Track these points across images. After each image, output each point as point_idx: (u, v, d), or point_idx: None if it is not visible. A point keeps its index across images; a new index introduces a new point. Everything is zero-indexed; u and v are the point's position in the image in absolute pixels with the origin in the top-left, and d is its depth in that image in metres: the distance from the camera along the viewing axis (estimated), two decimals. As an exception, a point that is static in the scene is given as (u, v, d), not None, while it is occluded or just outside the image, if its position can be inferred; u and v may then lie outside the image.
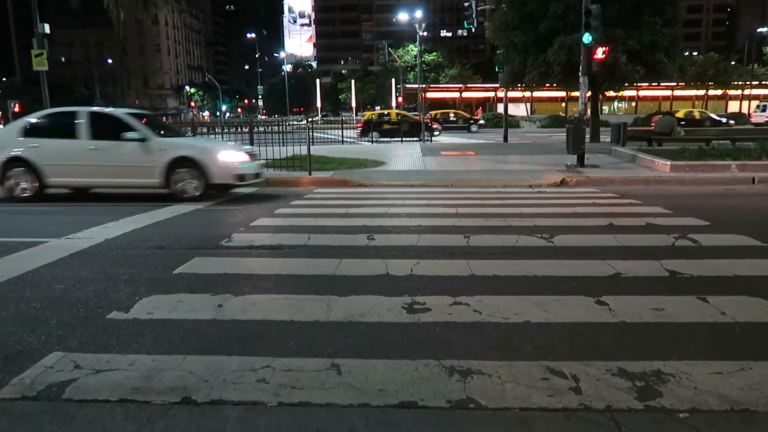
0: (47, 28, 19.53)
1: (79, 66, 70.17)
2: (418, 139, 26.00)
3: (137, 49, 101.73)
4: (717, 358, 3.10)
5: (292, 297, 4.22)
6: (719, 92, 58.67)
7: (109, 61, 78.17)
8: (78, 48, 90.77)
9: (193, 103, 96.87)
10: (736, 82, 57.48)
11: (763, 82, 58.63)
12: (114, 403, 2.66)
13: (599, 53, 14.53)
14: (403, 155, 19.10)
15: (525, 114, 53.56)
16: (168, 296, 4.28)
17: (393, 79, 60.38)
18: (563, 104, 55.53)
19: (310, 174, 12.86)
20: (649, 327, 3.60)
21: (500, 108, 44.40)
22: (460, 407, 2.61)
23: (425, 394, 2.72)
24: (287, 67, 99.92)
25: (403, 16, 56.05)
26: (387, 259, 5.36)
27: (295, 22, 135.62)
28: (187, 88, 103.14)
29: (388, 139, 26.93)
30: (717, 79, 57.00)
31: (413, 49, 70.17)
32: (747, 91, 57.41)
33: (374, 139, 26.69)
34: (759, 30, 59.65)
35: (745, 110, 52.95)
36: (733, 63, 62.98)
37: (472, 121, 40.61)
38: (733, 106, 58.57)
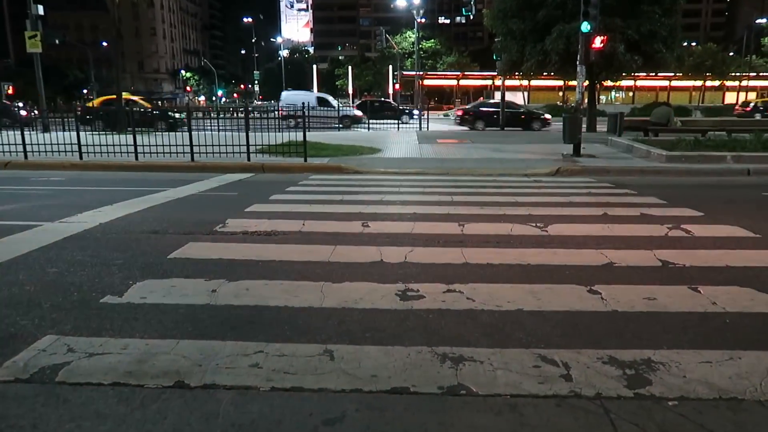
0: (41, 10, 19.32)
1: (74, 49, 69.51)
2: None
3: (132, 33, 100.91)
4: (707, 347, 3.13)
5: (286, 283, 4.23)
6: (717, 83, 58.67)
7: (104, 44, 77.49)
8: (72, 30, 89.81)
9: (188, 88, 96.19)
10: (733, 74, 57.44)
11: (761, 74, 58.61)
12: (107, 386, 2.67)
13: (597, 42, 14.47)
14: (400, 143, 19.06)
15: (522, 103, 53.45)
16: (162, 281, 4.28)
17: (390, 66, 60.06)
18: (561, 93, 55.47)
19: (305, 160, 12.83)
20: (640, 316, 3.63)
21: (498, 96, 44.32)
22: (452, 394, 2.63)
23: (417, 381, 2.74)
24: (284, 53, 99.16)
25: (401, 3, 55.53)
26: (381, 246, 5.37)
27: (292, 6, 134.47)
28: (182, 72, 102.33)
29: None
30: (715, 70, 56.93)
31: (411, 35, 69.78)
32: (744, 83, 57.40)
33: None
34: (758, 21, 59.47)
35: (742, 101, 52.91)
36: (731, 54, 62.87)
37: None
38: (730, 98, 58.62)
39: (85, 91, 73.58)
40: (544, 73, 25.92)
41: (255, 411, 2.48)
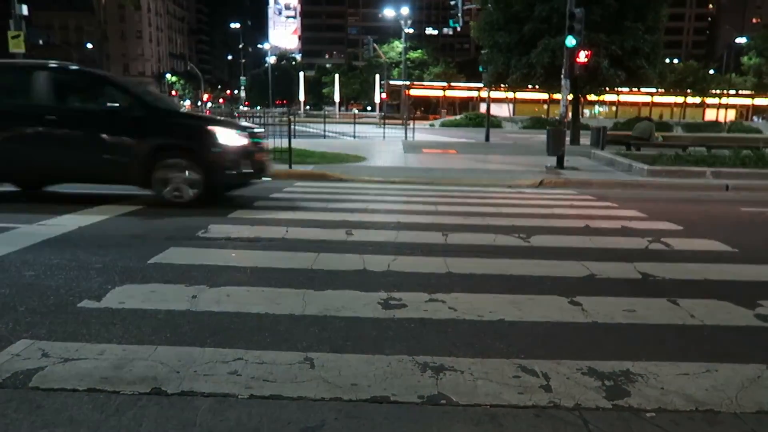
0: (25, 10, 19.09)
1: (58, 49, 68.73)
2: None
3: (118, 35, 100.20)
4: (684, 359, 3.16)
5: (267, 290, 4.20)
6: (697, 100, 59.78)
7: (89, 45, 76.82)
8: (57, 31, 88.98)
9: (174, 92, 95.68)
10: (714, 91, 58.60)
11: (740, 92, 59.86)
12: (82, 392, 2.62)
13: (582, 57, 14.68)
14: (385, 152, 19.11)
15: (507, 114, 53.93)
16: (141, 286, 4.22)
17: (377, 75, 60.28)
18: (545, 106, 56.09)
19: (290, 167, 12.79)
20: (620, 328, 3.66)
21: (483, 108, 44.65)
22: (432, 403, 2.62)
23: (397, 389, 2.73)
24: (271, 59, 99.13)
25: (389, 13, 55.93)
26: (364, 254, 5.36)
27: (280, 13, 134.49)
28: (168, 76, 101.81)
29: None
30: (696, 86, 58.05)
31: (398, 45, 70.12)
32: (724, 100, 58.57)
33: None
34: (738, 40, 60.83)
35: (722, 119, 54.04)
36: (711, 72, 64.18)
37: None
38: (710, 114, 59.78)
39: (68, 92, 72.60)
40: (529, 86, 26.22)
41: (232, 419, 2.45)
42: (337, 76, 70.60)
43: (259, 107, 75.53)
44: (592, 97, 27.29)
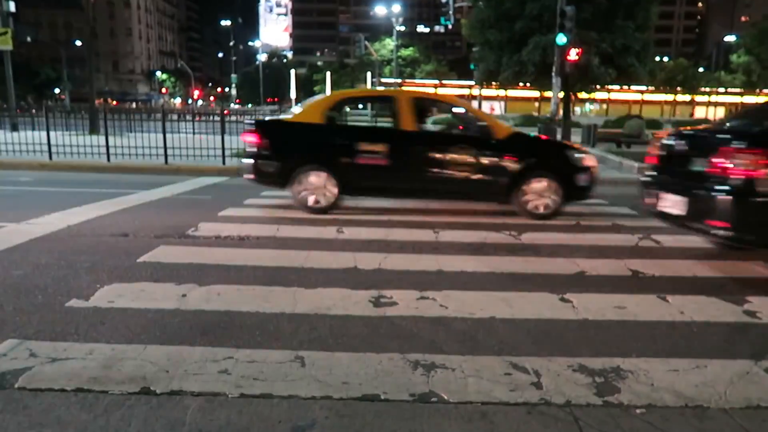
0: (12, 6, 18.91)
1: (46, 47, 68.11)
2: None
3: (107, 32, 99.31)
4: (674, 355, 3.18)
5: (258, 288, 4.18)
6: (687, 98, 60.20)
7: (78, 43, 76.14)
8: (45, 28, 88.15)
9: (164, 90, 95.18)
10: (703, 88, 59.04)
11: (729, 90, 60.33)
12: (70, 392, 2.60)
13: (573, 55, 14.74)
14: (377, 149, 19.06)
15: (499, 112, 54.07)
16: (131, 285, 4.19)
17: (369, 73, 60.16)
18: (536, 104, 56.26)
19: (281, 165, 12.72)
20: (610, 324, 3.67)
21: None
22: (423, 401, 2.62)
23: (388, 388, 2.72)
24: (262, 57, 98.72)
25: (380, 10, 55.92)
26: (356, 252, 5.34)
27: (271, 11, 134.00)
28: (158, 74, 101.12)
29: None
30: (685, 84, 58.45)
31: (390, 43, 70.01)
32: (714, 98, 59.01)
33: None
34: (727, 39, 61.24)
35: (711, 116, 54.46)
36: (701, 70, 64.62)
37: None
38: (699, 112, 60.25)
39: (57, 90, 72.13)
40: (521, 84, 26.28)
41: (222, 418, 2.44)
42: (328, 73, 70.33)
43: (250, 105, 75.30)
44: (582, 95, 27.38)
